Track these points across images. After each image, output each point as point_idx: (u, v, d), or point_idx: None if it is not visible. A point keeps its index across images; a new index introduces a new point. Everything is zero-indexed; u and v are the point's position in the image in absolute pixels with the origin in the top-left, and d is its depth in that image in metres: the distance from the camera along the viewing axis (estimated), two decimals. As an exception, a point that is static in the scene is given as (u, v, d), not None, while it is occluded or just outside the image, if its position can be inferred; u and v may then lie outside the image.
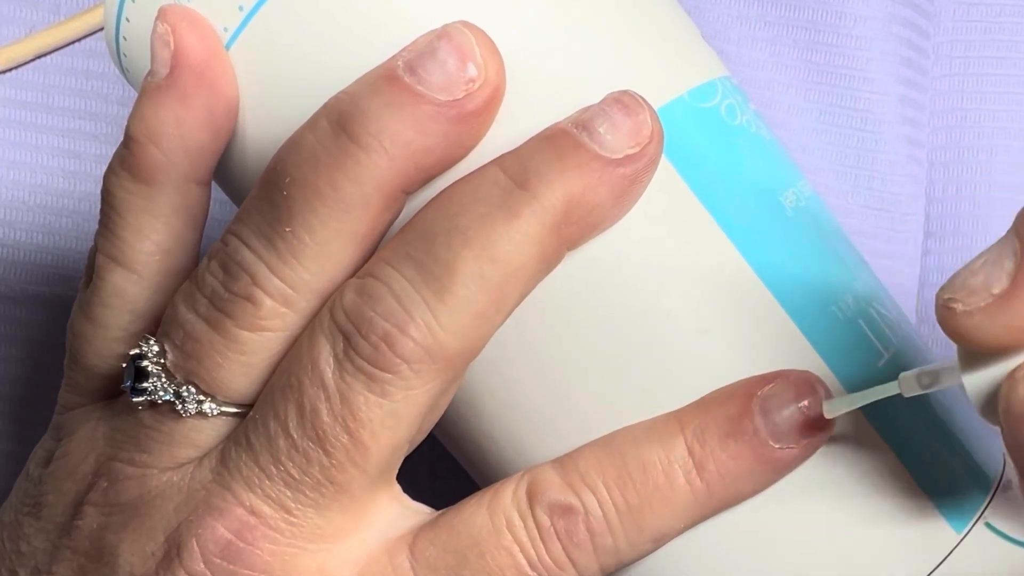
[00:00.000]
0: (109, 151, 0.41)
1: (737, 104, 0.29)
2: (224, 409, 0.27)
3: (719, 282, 0.27)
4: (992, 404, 0.22)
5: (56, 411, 0.31)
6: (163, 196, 0.28)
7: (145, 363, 0.27)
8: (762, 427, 0.26)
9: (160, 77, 0.28)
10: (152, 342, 0.27)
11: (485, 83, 0.26)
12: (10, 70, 0.42)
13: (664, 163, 0.27)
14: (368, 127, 0.25)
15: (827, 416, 0.26)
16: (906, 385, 0.24)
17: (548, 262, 0.26)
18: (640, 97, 0.26)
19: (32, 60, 0.42)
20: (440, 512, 0.28)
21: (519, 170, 0.25)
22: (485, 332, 0.26)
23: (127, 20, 0.29)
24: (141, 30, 0.28)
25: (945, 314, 0.22)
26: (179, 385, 0.27)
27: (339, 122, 0.25)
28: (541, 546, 0.26)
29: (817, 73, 0.43)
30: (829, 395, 0.27)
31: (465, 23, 0.26)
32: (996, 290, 0.21)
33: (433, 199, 0.26)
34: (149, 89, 0.28)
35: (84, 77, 0.42)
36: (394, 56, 0.26)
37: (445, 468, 0.33)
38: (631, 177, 0.26)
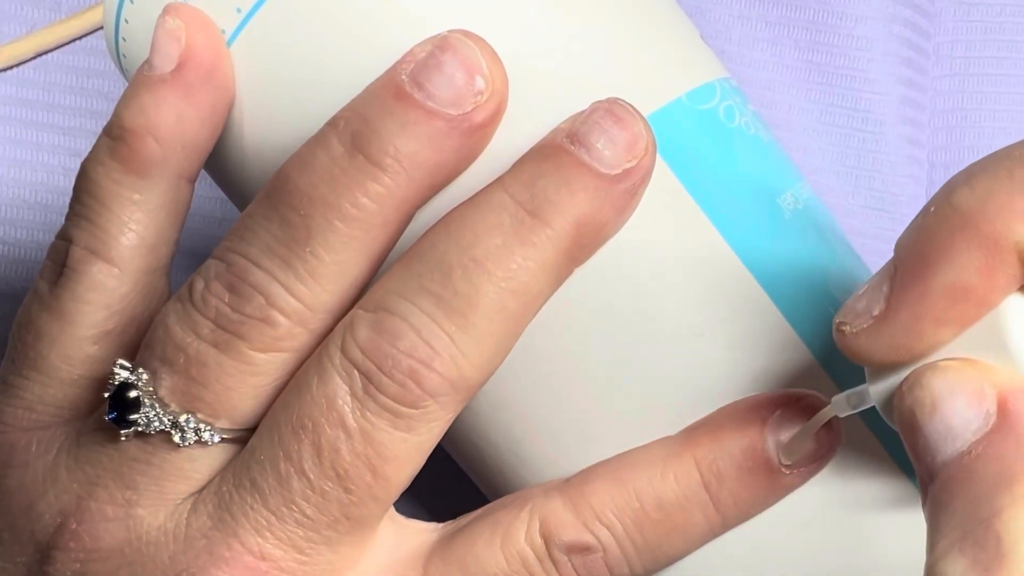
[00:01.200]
0: (110, 149, 0.41)
1: (736, 106, 0.29)
2: (224, 436, 0.26)
3: (716, 285, 0.27)
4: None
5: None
6: (154, 190, 0.28)
7: (135, 393, 0.26)
8: (774, 455, 0.26)
9: (164, 71, 0.27)
10: (141, 371, 0.26)
11: (492, 94, 0.26)
12: (11, 68, 0.42)
13: (661, 165, 0.27)
14: (385, 147, 0.25)
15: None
16: (838, 407, 0.25)
17: (561, 282, 0.26)
18: (631, 106, 0.26)
19: (33, 58, 0.42)
20: (446, 535, 0.27)
21: (527, 196, 0.25)
22: (503, 357, 0.26)
23: (126, 21, 0.29)
24: (140, 30, 0.28)
25: (837, 336, 0.23)
26: (176, 414, 0.26)
27: (354, 142, 0.25)
28: None
29: (818, 73, 0.43)
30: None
31: (466, 32, 0.26)
32: (875, 312, 0.23)
33: (440, 225, 0.26)
34: (151, 81, 0.27)
35: (85, 75, 0.42)
36: (396, 68, 0.26)
37: (446, 471, 0.33)
38: (631, 191, 0.26)
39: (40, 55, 0.42)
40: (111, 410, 0.26)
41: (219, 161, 0.29)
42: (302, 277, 0.25)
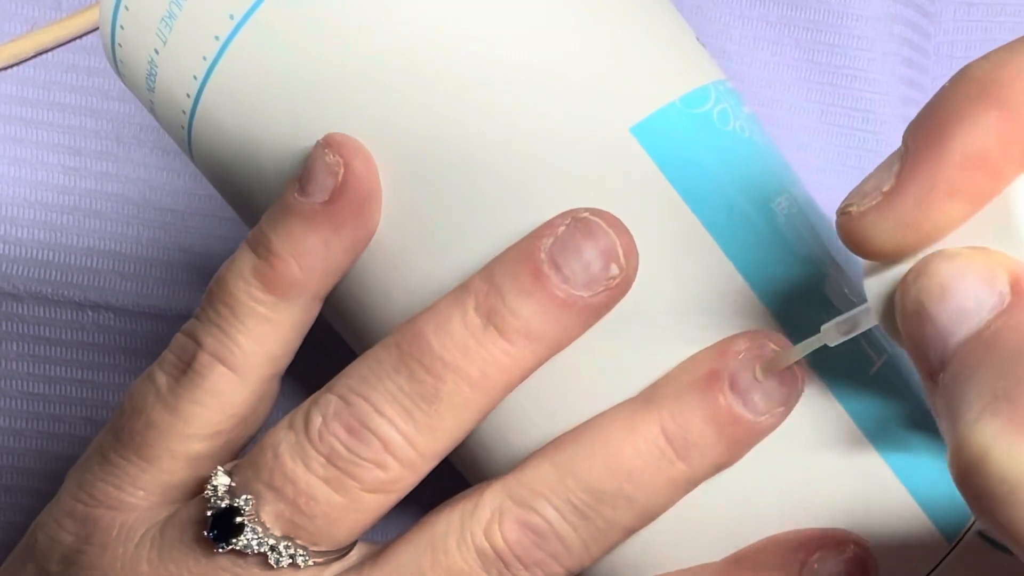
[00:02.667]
0: (110, 147, 0.41)
1: (730, 109, 0.29)
2: (317, 560, 0.27)
3: (708, 291, 0.27)
4: (892, 315, 0.22)
5: (80, 498, 0.29)
6: (289, 310, 0.28)
7: (240, 519, 0.27)
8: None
9: (316, 201, 0.27)
10: (247, 497, 0.27)
11: (623, 280, 0.27)
12: (11, 66, 0.42)
13: (654, 170, 0.27)
14: (519, 328, 0.26)
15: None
16: (828, 335, 0.25)
17: None
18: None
19: (33, 57, 0.42)
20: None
21: (682, 442, 0.27)
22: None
23: (121, 28, 0.29)
24: (135, 37, 0.28)
25: (843, 220, 0.23)
26: (277, 539, 0.27)
27: (490, 317, 0.26)
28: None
29: (819, 73, 0.43)
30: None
31: (604, 215, 0.26)
32: (885, 188, 0.22)
33: (595, 445, 0.27)
34: (303, 209, 0.27)
35: (85, 74, 0.42)
36: (536, 241, 0.26)
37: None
38: (770, 429, 0.27)
39: (40, 54, 0.42)
40: (213, 527, 0.27)
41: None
42: (422, 430, 0.27)
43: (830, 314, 0.27)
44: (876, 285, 0.23)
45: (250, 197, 0.30)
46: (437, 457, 0.27)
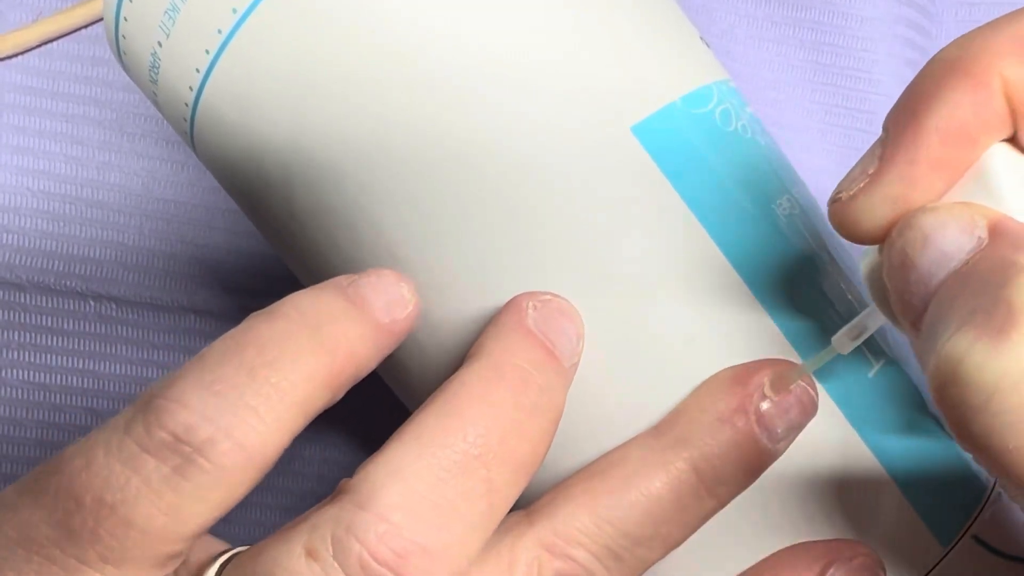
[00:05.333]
0: (113, 137, 0.41)
1: (733, 109, 0.29)
2: None
3: (708, 291, 0.27)
4: (887, 298, 0.23)
5: (68, 564, 0.23)
6: (315, 405, 0.25)
7: None
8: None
9: (374, 320, 0.26)
10: None
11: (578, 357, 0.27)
12: (16, 55, 0.42)
13: (655, 171, 0.27)
14: (537, 381, 0.26)
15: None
16: (840, 344, 0.25)
17: None
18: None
19: (38, 46, 0.42)
20: None
21: (713, 479, 0.26)
22: None
23: (125, 19, 0.29)
24: (139, 28, 0.28)
25: (833, 208, 0.23)
26: None
27: (515, 378, 0.26)
28: None
29: (823, 73, 0.43)
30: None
31: (568, 303, 0.27)
32: (870, 170, 0.23)
33: (625, 490, 0.26)
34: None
35: (89, 64, 0.42)
36: (520, 314, 0.26)
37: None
38: (782, 451, 0.27)
39: (45, 43, 0.42)
40: None
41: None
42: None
43: (831, 316, 0.27)
44: (872, 275, 0.24)
45: (251, 189, 0.30)
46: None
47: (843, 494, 0.27)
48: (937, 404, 0.20)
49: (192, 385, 0.23)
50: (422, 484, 0.24)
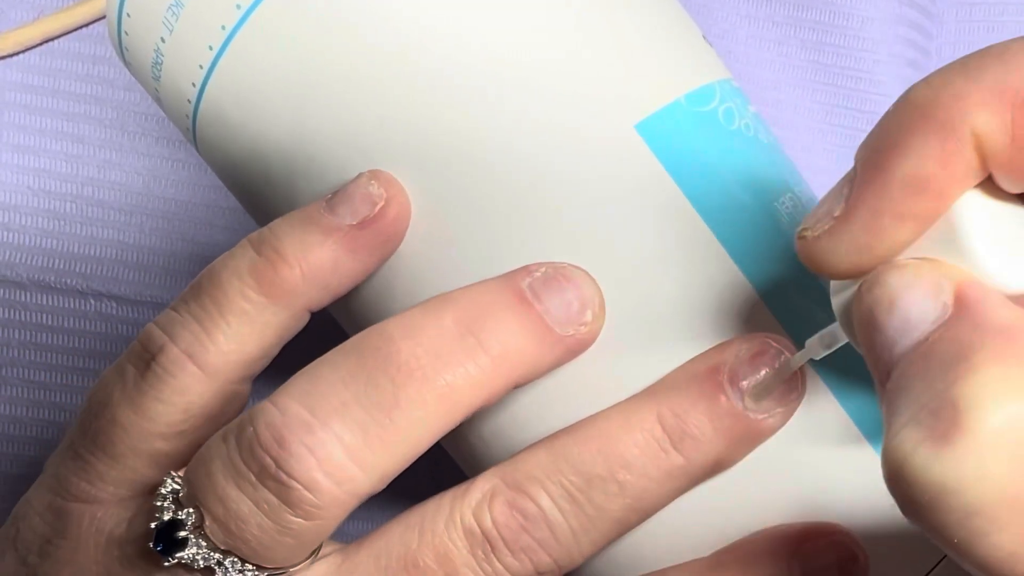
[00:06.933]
0: (113, 136, 0.41)
1: (736, 107, 0.29)
2: (272, 574, 0.26)
3: (711, 289, 0.27)
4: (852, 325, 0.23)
5: (55, 490, 0.28)
6: (277, 316, 0.27)
7: (183, 533, 0.25)
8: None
9: (343, 222, 0.27)
10: (190, 510, 0.26)
11: (591, 331, 0.27)
12: (17, 54, 0.42)
13: (659, 168, 0.27)
14: (500, 337, 0.26)
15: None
16: (812, 349, 0.25)
17: (673, 498, 0.27)
18: (790, 350, 0.27)
19: (39, 44, 0.42)
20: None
21: (678, 431, 0.26)
22: (602, 548, 0.27)
23: (128, 16, 0.29)
24: (142, 25, 0.28)
25: (799, 244, 0.23)
26: (223, 555, 0.26)
27: (469, 326, 0.26)
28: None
29: (824, 74, 0.43)
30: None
31: (584, 271, 0.27)
32: (836, 213, 0.22)
33: (594, 432, 0.27)
34: (326, 225, 0.27)
35: (91, 62, 0.42)
36: (515, 277, 0.27)
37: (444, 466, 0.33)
38: (771, 430, 0.27)
39: (46, 41, 0.42)
40: (157, 540, 0.26)
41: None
42: (372, 443, 0.25)
43: (831, 314, 0.28)
44: (840, 298, 0.24)
45: (254, 187, 0.30)
46: (381, 477, 0.25)
47: (844, 489, 0.27)
48: (888, 489, 0.20)
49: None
50: (323, 381, 0.25)
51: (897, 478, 0.19)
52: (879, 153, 0.22)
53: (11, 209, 0.41)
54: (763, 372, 0.26)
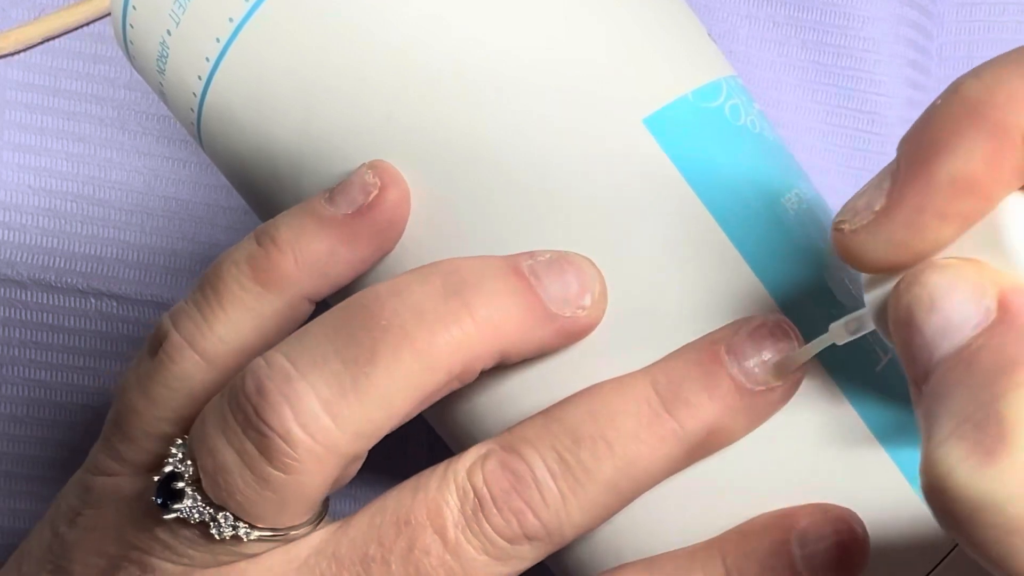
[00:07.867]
0: (114, 135, 0.41)
1: (742, 104, 0.29)
2: (262, 534, 0.26)
3: (719, 284, 0.27)
4: (887, 319, 0.23)
5: (87, 468, 0.30)
6: (274, 304, 0.28)
7: (180, 484, 0.26)
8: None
9: (339, 211, 0.27)
10: (189, 462, 0.26)
11: (590, 318, 0.27)
12: (18, 52, 0.42)
13: (666, 163, 0.27)
14: (485, 301, 0.26)
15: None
16: (836, 334, 0.25)
17: (673, 473, 0.27)
18: (790, 326, 0.27)
19: (40, 43, 0.42)
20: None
21: (670, 395, 0.26)
22: (599, 524, 0.27)
23: (134, 8, 0.29)
24: (147, 18, 0.28)
25: (836, 236, 0.23)
26: (215, 509, 0.26)
27: (456, 289, 0.26)
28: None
29: (825, 74, 0.43)
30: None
31: (589, 261, 0.27)
32: (876, 207, 0.22)
33: (586, 395, 0.27)
34: (322, 215, 0.27)
35: (92, 61, 0.42)
36: (516, 257, 0.27)
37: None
38: (770, 407, 0.27)
39: (47, 40, 0.42)
40: (158, 494, 0.26)
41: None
42: (347, 396, 0.25)
43: (837, 309, 0.28)
44: (874, 290, 0.23)
45: (259, 182, 0.30)
46: (355, 433, 0.25)
47: (850, 485, 0.27)
48: (926, 500, 0.20)
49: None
50: (309, 336, 0.26)
51: (938, 491, 0.19)
52: (925, 149, 0.21)
53: (12, 208, 0.41)
54: (773, 349, 0.26)
